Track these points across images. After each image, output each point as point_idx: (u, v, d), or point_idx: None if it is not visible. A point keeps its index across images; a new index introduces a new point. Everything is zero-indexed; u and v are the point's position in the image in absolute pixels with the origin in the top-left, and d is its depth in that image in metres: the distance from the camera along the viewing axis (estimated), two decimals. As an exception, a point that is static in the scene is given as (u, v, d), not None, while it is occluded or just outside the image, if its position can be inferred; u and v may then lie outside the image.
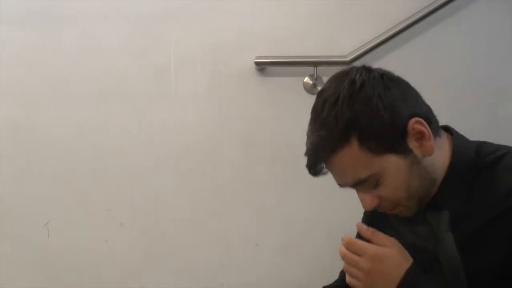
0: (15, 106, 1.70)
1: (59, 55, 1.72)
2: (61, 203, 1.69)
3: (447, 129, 1.06)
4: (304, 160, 1.72)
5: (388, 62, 1.72)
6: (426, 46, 1.76)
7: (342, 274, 1.28)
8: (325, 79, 1.73)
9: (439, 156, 0.98)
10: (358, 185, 0.98)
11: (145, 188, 1.71)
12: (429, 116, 0.99)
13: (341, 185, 1.00)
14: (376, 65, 1.71)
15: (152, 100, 1.73)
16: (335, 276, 1.54)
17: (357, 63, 1.68)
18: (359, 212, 1.27)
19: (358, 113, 0.93)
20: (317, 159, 0.97)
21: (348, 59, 1.69)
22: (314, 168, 0.98)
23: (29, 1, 1.72)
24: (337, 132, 0.93)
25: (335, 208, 1.69)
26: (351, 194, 1.01)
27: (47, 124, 1.70)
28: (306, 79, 1.74)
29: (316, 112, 0.97)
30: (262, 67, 1.73)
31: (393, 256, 0.96)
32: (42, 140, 1.70)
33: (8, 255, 1.66)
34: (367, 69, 0.99)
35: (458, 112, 1.68)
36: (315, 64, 1.72)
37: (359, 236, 1.25)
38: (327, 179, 1.00)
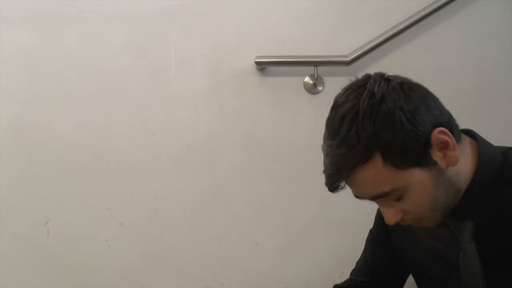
0: (15, 106, 1.70)
1: (59, 55, 1.72)
2: (61, 203, 1.69)
3: (469, 133, 1.02)
4: (304, 160, 1.73)
5: (388, 62, 1.72)
6: (426, 46, 1.76)
7: (353, 273, 1.28)
8: (325, 79, 1.73)
9: (462, 163, 0.95)
10: (379, 198, 0.94)
11: (145, 187, 1.71)
12: (451, 124, 0.95)
13: (359, 197, 0.97)
14: (376, 65, 1.73)
15: (152, 100, 1.73)
16: (335, 276, 1.54)
17: (358, 63, 1.70)
18: (359, 212, 1.26)
19: (380, 129, 0.88)
20: (338, 178, 0.94)
21: (348, 59, 1.69)
22: (334, 186, 0.95)
23: (30, 1, 1.72)
24: (359, 149, 0.89)
25: (335, 208, 1.69)
26: (352, 194, 1.00)
27: (47, 123, 1.70)
28: (307, 79, 1.74)
29: (333, 127, 0.92)
30: (262, 67, 1.73)
31: None
32: (42, 140, 1.70)
33: (7, 254, 1.66)
34: (385, 79, 0.94)
35: (457, 113, 1.67)
36: (316, 64, 1.71)
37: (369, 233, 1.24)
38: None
